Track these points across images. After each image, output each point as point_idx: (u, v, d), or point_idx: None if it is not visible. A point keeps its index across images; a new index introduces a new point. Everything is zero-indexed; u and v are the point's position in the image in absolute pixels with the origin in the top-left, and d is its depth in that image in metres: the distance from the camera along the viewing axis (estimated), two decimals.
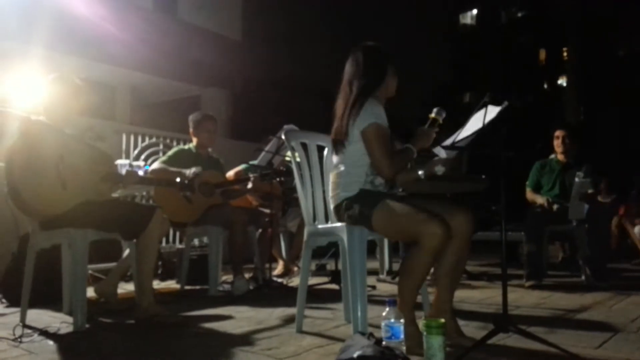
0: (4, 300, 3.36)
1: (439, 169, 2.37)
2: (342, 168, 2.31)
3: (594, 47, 14.44)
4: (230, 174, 4.57)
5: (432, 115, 2.31)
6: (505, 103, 2.17)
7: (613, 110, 13.45)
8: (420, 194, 2.44)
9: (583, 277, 4.10)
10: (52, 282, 3.17)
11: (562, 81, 16.08)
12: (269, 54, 9.85)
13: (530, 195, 4.43)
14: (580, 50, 14.35)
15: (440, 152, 2.33)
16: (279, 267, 4.95)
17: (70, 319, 2.67)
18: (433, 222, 1.97)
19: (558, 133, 4.36)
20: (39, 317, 2.87)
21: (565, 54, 15.66)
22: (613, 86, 13.76)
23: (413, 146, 2.27)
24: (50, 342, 2.32)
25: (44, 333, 2.48)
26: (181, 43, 8.54)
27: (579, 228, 4.06)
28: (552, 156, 4.46)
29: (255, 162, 4.38)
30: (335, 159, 2.36)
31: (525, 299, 3.43)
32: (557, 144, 4.35)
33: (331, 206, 2.38)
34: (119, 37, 7.58)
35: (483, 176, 4.70)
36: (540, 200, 4.27)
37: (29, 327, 2.59)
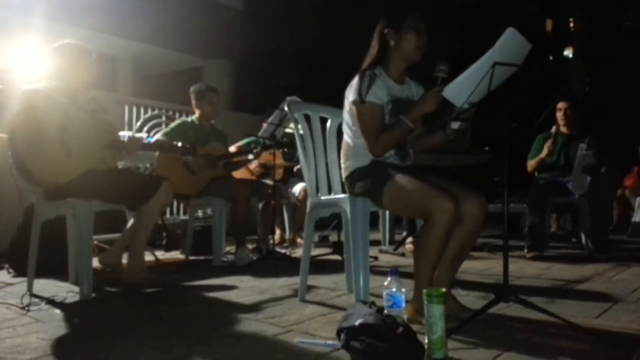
0: (10, 270, 3.41)
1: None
2: (349, 140, 2.29)
3: (600, 18, 14.21)
4: (232, 149, 4.58)
5: (434, 73, 2.09)
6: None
7: (619, 82, 13.28)
8: (434, 170, 2.34)
9: (584, 249, 4.12)
10: (58, 252, 3.21)
11: (568, 52, 15.85)
12: (272, 24, 9.72)
13: (530, 163, 4.38)
14: (587, 21, 14.09)
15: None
16: (276, 237, 4.97)
17: (76, 289, 2.71)
18: (443, 197, 1.93)
19: (560, 105, 4.33)
20: (46, 286, 2.92)
21: (571, 24, 15.40)
22: (620, 57, 13.57)
23: (409, 115, 2.10)
24: (57, 311, 2.36)
25: (51, 302, 2.53)
26: (183, 13, 8.43)
27: (582, 200, 4.06)
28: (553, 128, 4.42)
29: (259, 135, 4.37)
30: (346, 124, 2.32)
31: (526, 269, 3.46)
32: (560, 116, 4.32)
33: (343, 175, 2.35)
34: (120, 7, 7.49)
35: (486, 148, 4.70)
36: (543, 153, 4.21)
37: (36, 296, 2.63)
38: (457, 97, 2.01)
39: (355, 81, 2.23)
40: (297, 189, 5.00)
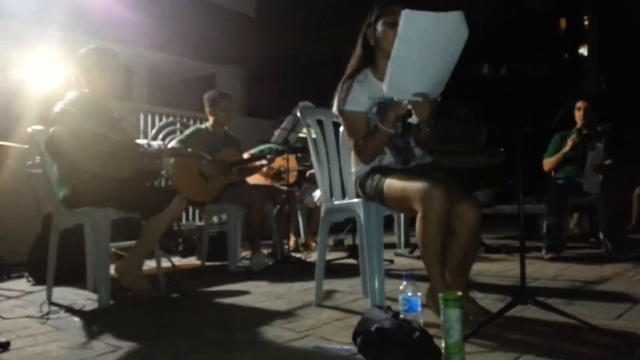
0: (30, 279, 3.45)
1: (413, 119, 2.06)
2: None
3: (615, 15, 14.06)
4: (245, 157, 4.60)
5: None
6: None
7: (635, 79, 13.12)
8: (447, 172, 2.30)
9: (603, 249, 4.06)
10: (76, 260, 3.25)
11: (583, 50, 15.69)
12: (284, 30, 9.74)
13: (548, 161, 4.32)
14: (602, 19, 13.95)
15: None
16: (291, 243, 4.98)
17: (94, 296, 2.74)
18: (429, 185, 1.90)
19: (580, 104, 4.27)
20: (65, 294, 2.95)
21: (586, 22, 15.25)
22: (635, 54, 13.40)
23: (385, 120, 2.07)
24: (76, 319, 2.38)
25: (70, 310, 2.56)
26: (195, 21, 8.49)
27: (598, 199, 4.01)
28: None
29: (272, 140, 4.39)
30: None
31: (543, 271, 3.42)
32: (579, 115, 4.26)
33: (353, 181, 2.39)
34: (133, 17, 7.57)
35: (501, 149, 4.66)
36: (567, 147, 4.13)
37: (55, 305, 2.67)
38: (400, 93, 1.99)
39: (337, 91, 2.25)
40: (318, 194, 5.01)
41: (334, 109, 2.25)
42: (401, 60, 1.89)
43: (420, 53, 1.88)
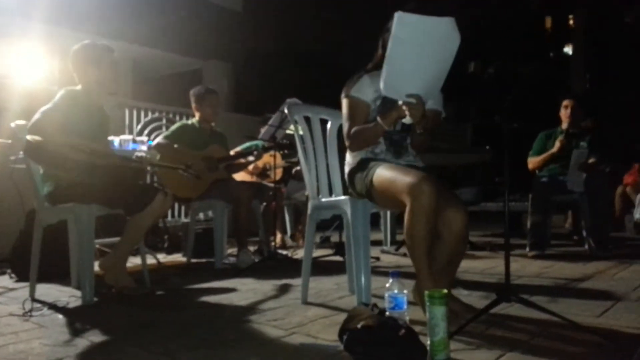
0: (13, 275, 3.41)
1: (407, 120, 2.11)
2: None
3: (601, 14, 14.19)
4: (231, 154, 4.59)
5: None
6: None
7: (619, 78, 13.27)
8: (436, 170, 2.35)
9: (586, 247, 4.11)
10: (60, 256, 3.22)
11: (568, 49, 15.84)
12: (270, 25, 9.72)
13: (533, 160, 4.35)
14: (587, 17, 14.09)
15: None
16: (277, 240, 4.97)
17: (78, 293, 2.71)
18: (418, 179, 1.93)
19: (567, 102, 4.30)
20: (48, 291, 2.92)
21: (571, 21, 15.39)
22: (620, 53, 13.55)
23: (386, 117, 2.13)
24: (60, 316, 2.36)
25: (53, 307, 2.52)
26: (181, 16, 8.44)
27: (582, 198, 4.05)
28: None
29: (259, 137, 4.37)
30: None
31: (527, 268, 3.46)
32: (566, 113, 4.29)
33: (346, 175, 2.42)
34: (119, 11, 7.51)
35: (487, 147, 4.70)
36: (555, 148, 4.14)
37: (38, 302, 2.63)
38: (395, 92, 2.07)
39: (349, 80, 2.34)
40: (300, 194, 5.02)
41: (342, 95, 2.33)
42: (395, 59, 1.97)
43: (412, 54, 1.96)
